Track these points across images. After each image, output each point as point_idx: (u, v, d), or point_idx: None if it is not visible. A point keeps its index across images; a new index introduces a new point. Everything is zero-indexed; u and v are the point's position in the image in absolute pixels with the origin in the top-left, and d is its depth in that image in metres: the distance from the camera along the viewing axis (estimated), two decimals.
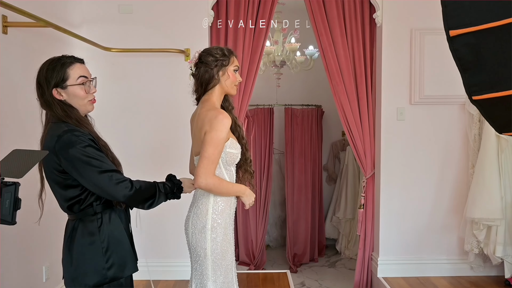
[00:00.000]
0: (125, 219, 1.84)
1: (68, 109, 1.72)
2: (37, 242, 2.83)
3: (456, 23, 0.96)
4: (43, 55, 2.92)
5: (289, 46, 4.34)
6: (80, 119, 1.74)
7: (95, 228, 1.72)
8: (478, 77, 0.98)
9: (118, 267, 1.74)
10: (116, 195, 1.67)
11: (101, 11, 3.55)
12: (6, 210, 1.17)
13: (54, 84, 1.70)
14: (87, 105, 1.77)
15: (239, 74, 2.10)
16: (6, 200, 1.16)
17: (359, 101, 3.69)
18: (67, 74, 1.71)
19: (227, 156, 1.98)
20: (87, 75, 1.77)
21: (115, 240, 1.74)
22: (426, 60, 3.58)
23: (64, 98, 1.72)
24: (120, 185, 1.67)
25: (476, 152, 3.54)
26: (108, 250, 1.72)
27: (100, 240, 1.71)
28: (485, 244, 3.43)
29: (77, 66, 1.74)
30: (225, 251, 1.98)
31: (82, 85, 1.73)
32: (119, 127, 3.56)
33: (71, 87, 1.71)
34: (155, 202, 1.78)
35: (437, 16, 3.79)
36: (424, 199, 3.70)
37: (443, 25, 0.98)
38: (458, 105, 3.64)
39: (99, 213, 1.73)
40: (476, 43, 0.95)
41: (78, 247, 1.72)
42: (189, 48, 3.56)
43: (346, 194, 5.10)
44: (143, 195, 1.74)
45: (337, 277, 4.47)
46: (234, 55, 2.07)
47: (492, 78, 0.97)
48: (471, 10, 0.94)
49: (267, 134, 4.75)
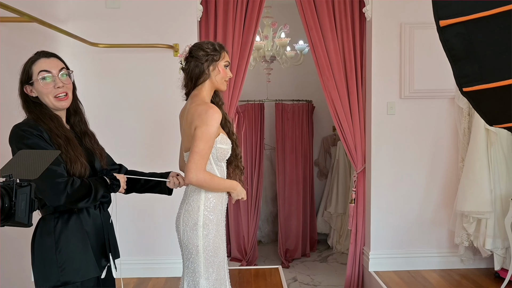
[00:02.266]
0: (93, 221, 1.75)
1: (32, 105, 1.71)
2: (24, 241, 2.78)
3: (446, 13, 0.94)
4: (28, 51, 2.87)
5: (279, 41, 4.31)
6: (42, 115, 1.68)
7: (51, 227, 1.66)
8: (469, 68, 0.97)
9: (72, 271, 1.64)
10: (50, 194, 1.57)
11: (88, 6, 3.49)
12: (22, 212, 1.13)
13: (24, 80, 1.71)
14: (55, 101, 1.70)
15: (229, 69, 2.07)
16: (21, 202, 1.12)
17: (350, 96, 3.69)
18: (31, 70, 1.70)
19: (218, 152, 1.95)
20: (50, 69, 1.70)
21: (69, 242, 1.66)
22: (416, 54, 3.58)
23: (35, 94, 1.71)
24: (57, 187, 1.57)
25: (465, 146, 3.55)
26: (62, 252, 1.64)
27: (54, 240, 1.65)
28: (475, 237, 3.45)
29: (41, 61, 1.70)
30: (217, 248, 1.96)
31: (43, 79, 1.69)
32: (107, 123, 3.52)
33: (36, 82, 1.70)
34: (91, 198, 1.66)
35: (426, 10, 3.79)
36: (414, 193, 3.71)
37: (433, 15, 0.97)
38: (448, 99, 3.66)
39: (57, 213, 1.67)
40: (467, 33, 0.94)
41: (37, 246, 1.68)
42: (178, 43, 3.52)
43: (337, 189, 5.11)
44: (78, 194, 1.63)
45: (329, 272, 4.48)
46: (225, 50, 2.04)
47: (483, 69, 0.96)
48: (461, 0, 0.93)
49: (258, 130, 4.73)
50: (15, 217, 1.11)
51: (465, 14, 0.93)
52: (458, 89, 1.00)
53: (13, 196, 1.09)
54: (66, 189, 1.58)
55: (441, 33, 0.97)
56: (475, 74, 0.97)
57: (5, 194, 1.08)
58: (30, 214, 1.16)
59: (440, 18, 0.95)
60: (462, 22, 0.93)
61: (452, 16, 0.94)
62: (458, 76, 0.99)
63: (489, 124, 1.09)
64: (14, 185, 1.10)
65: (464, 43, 0.95)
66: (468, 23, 0.93)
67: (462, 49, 0.96)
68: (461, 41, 0.96)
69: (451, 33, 0.96)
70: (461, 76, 0.98)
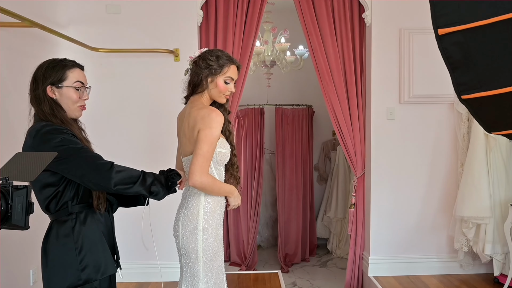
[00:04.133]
0: (105, 222, 1.81)
1: (56, 108, 1.73)
2: (23, 245, 2.78)
3: (445, 22, 0.95)
4: (29, 56, 2.90)
5: (279, 46, 4.33)
6: (65, 120, 1.73)
7: (69, 228, 1.70)
8: (467, 76, 0.97)
9: (92, 269, 1.71)
10: (103, 179, 1.62)
11: (88, 11, 3.51)
12: (18, 215, 1.12)
13: (51, 81, 1.72)
14: (76, 110, 1.79)
15: (233, 85, 2.02)
16: (18, 204, 1.12)
17: (349, 101, 3.70)
18: (65, 75, 1.74)
19: (218, 156, 1.96)
20: (83, 81, 1.80)
21: (89, 241, 1.72)
22: (415, 60, 3.60)
23: (56, 97, 1.74)
24: (105, 163, 1.65)
25: (465, 151, 3.56)
26: (82, 251, 1.69)
27: (74, 241, 1.69)
28: (474, 242, 3.45)
29: (77, 71, 1.79)
30: (216, 252, 1.96)
31: (77, 90, 1.76)
32: (107, 127, 3.52)
33: (66, 88, 1.74)
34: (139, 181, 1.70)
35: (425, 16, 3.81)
36: (414, 198, 3.72)
37: (432, 23, 0.98)
38: (447, 104, 3.66)
39: (74, 214, 1.71)
40: (465, 41, 0.95)
41: (52, 248, 1.71)
42: (178, 48, 3.53)
43: (337, 193, 5.11)
44: (126, 174, 1.68)
45: (328, 277, 4.47)
46: (235, 64, 2.00)
47: (481, 77, 0.96)
48: (460, 9, 0.94)
49: (257, 134, 4.73)
50: (12, 219, 1.11)
51: (463, 23, 0.94)
52: (457, 96, 1.01)
53: (9, 198, 1.09)
54: (112, 167, 1.64)
55: (439, 41, 0.98)
56: (473, 82, 0.98)
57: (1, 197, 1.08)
58: (26, 217, 1.15)
59: (439, 27, 0.96)
60: (461, 30, 0.94)
61: (450, 24, 0.95)
62: (456, 84, 1.00)
63: (488, 131, 1.10)
64: (11, 187, 1.10)
65: (462, 52, 0.96)
66: (466, 31, 0.94)
67: (460, 57, 0.97)
68: (459, 49, 0.96)
69: (450, 41, 0.96)
70: (460, 83, 0.99)
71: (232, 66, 1.99)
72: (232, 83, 2.01)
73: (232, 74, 1.99)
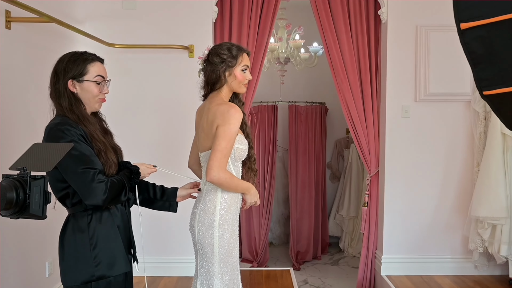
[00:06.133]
0: (121, 216, 1.81)
1: (75, 103, 1.73)
2: (39, 237, 2.83)
3: (467, 16, 0.93)
4: (46, 51, 2.93)
5: (293, 43, 4.31)
6: (82, 116, 1.73)
7: (85, 224, 1.71)
8: (489, 71, 0.96)
9: (106, 266, 1.71)
10: (90, 196, 1.62)
11: (104, 7, 3.54)
12: (36, 205, 1.14)
13: (72, 75, 1.73)
14: (96, 103, 1.79)
15: (249, 71, 2.05)
16: (35, 194, 1.13)
17: (364, 98, 3.67)
18: (86, 69, 1.74)
19: (235, 152, 1.96)
20: (104, 75, 1.80)
21: (104, 238, 1.72)
22: (432, 57, 3.55)
23: (77, 91, 1.74)
24: (98, 186, 1.62)
25: (481, 150, 3.51)
26: (96, 248, 1.70)
27: (89, 237, 1.70)
28: (489, 243, 3.40)
29: (98, 65, 1.78)
30: (232, 248, 1.97)
31: (97, 84, 1.76)
32: (122, 123, 3.55)
33: (87, 82, 1.74)
34: (127, 191, 1.75)
35: (442, 13, 3.76)
36: (428, 197, 3.68)
37: (454, 18, 0.96)
38: (464, 102, 3.61)
39: (90, 210, 1.71)
40: (488, 36, 0.93)
41: (68, 242, 1.72)
42: (193, 44, 3.54)
43: (350, 192, 5.08)
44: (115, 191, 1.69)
45: (340, 275, 4.46)
46: (246, 52, 2.01)
47: (504, 73, 0.95)
48: (483, 2, 0.92)
49: (270, 131, 4.73)
50: (30, 209, 1.12)
51: (486, 17, 0.92)
52: (478, 92, 0.99)
53: (27, 188, 1.10)
54: (106, 192, 1.64)
55: (461, 36, 0.96)
56: (495, 78, 0.96)
57: (19, 186, 1.09)
58: (44, 207, 1.17)
59: (461, 21, 0.94)
60: (484, 25, 0.92)
61: (473, 19, 0.93)
62: (478, 80, 0.98)
63: (509, 127, 1.08)
64: (28, 177, 1.11)
65: (485, 46, 0.94)
66: (489, 26, 0.92)
67: (482, 52, 0.95)
68: (482, 44, 0.95)
69: (472, 36, 0.95)
70: (481, 79, 0.97)
71: (244, 54, 2.01)
72: (248, 71, 2.03)
73: (246, 62, 2.01)
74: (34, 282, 2.81)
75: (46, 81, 1.81)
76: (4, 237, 2.45)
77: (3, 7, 2.43)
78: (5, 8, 2.45)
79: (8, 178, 1.10)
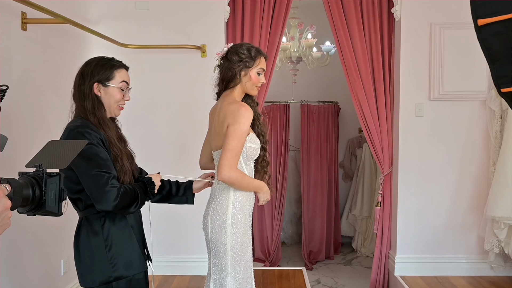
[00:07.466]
0: (135, 219, 1.83)
1: (97, 106, 1.76)
2: (55, 235, 2.86)
3: (485, 12, 0.92)
4: (62, 52, 2.97)
5: (306, 42, 4.30)
6: (103, 121, 1.75)
7: (99, 226, 1.72)
8: (507, 68, 0.94)
9: (123, 266, 1.73)
10: (102, 200, 1.63)
11: (118, 8, 3.57)
12: (52, 201, 1.15)
13: (98, 79, 1.76)
14: (117, 109, 1.82)
15: (264, 76, 2.05)
16: (51, 191, 1.15)
17: (377, 97, 3.64)
18: (113, 75, 1.78)
19: (247, 151, 1.96)
20: (129, 82, 1.85)
21: (119, 239, 1.74)
22: (446, 55, 3.51)
23: (101, 95, 1.77)
24: (111, 190, 1.63)
25: (497, 149, 3.46)
26: (112, 249, 1.72)
27: (103, 238, 1.71)
28: (506, 244, 3.35)
29: (123, 72, 1.83)
30: (245, 247, 1.97)
31: (121, 90, 1.80)
32: (135, 123, 3.57)
33: (112, 87, 1.78)
34: (139, 203, 1.76)
35: (457, 10, 3.71)
36: (443, 197, 3.63)
37: (471, 13, 0.95)
38: (479, 101, 3.56)
39: (103, 212, 1.72)
40: (506, 32, 0.92)
41: (83, 245, 1.74)
42: (205, 44, 3.55)
43: (363, 191, 5.05)
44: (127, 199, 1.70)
45: (353, 275, 4.43)
46: (264, 55, 2.03)
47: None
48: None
49: (283, 131, 4.73)
50: (46, 206, 1.13)
51: (504, 13, 0.90)
52: (496, 89, 0.98)
53: (43, 185, 1.12)
54: (117, 199, 1.65)
55: (479, 32, 0.94)
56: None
57: (35, 183, 1.11)
58: (60, 203, 1.18)
59: (478, 17, 0.93)
60: (501, 21, 0.91)
61: (490, 15, 0.92)
62: (496, 76, 0.96)
63: None
64: (44, 175, 1.13)
65: (503, 43, 0.93)
66: (507, 22, 0.90)
67: (500, 49, 0.93)
68: (499, 40, 0.93)
69: (490, 32, 0.93)
70: (499, 76, 0.96)
71: (262, 57, 2.02)
72: (263, 75, 2.04)
73: (263, 66, 2.02)
74: (49, 280, 2.84)
75: (61, 81, 1.84)
76: (20, 235, 2.49)
77: (19, 9, 2.47)
78: (21, 10, 2.48)
79: (24, 175, 1.12)
